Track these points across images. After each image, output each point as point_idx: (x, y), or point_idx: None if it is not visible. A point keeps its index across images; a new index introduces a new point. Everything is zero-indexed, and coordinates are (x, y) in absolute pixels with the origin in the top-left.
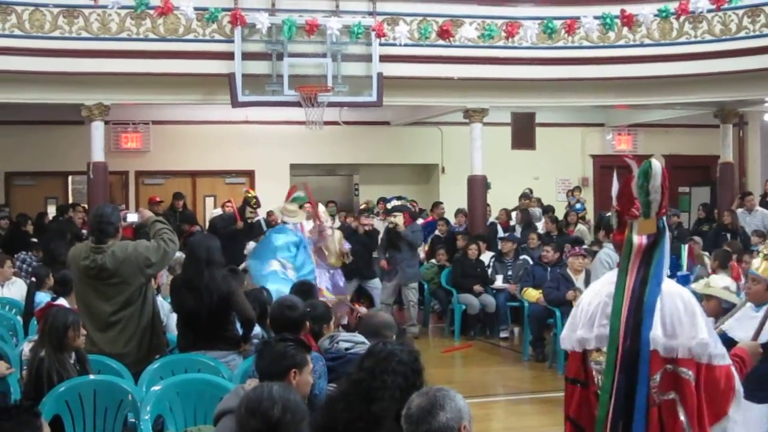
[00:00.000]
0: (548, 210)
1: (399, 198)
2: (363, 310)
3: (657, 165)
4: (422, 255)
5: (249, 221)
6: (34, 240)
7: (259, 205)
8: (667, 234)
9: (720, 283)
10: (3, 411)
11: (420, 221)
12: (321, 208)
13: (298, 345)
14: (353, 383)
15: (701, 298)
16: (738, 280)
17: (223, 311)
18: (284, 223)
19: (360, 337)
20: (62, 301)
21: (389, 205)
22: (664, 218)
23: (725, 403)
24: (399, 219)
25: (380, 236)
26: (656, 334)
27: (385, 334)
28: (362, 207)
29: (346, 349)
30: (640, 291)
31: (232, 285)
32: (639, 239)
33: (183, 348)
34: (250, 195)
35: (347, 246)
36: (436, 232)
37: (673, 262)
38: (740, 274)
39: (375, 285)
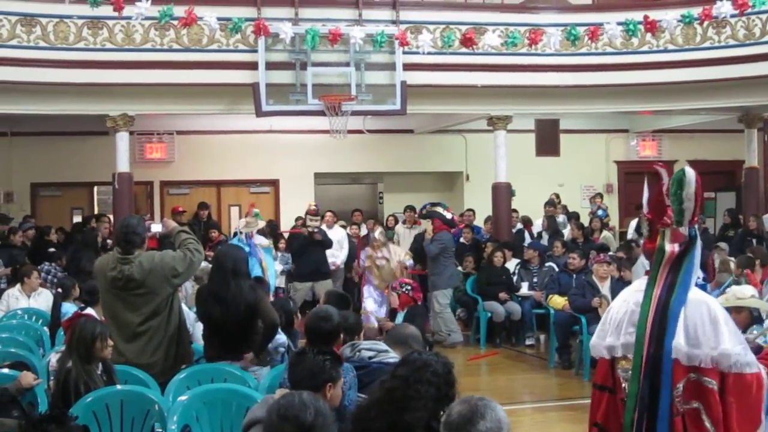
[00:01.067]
0: (573, 217)
1: (435, 204)
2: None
3: (691, 172)
4: None
5: (311, 232)
6: (52, 250)
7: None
8: (699, 242)
9: (747, 292)
10: (53, 417)
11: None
12: (378, 232)
13: (332, 359)
14: (387, 392)
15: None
16: (758, 287)
17: (249, 322)
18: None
19: (382, 345)
20: (90, 311)
21: (425, 211)
22: (696, 226)
23: (759, 410)
24: (428, 225)
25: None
26: (679, 342)
27: (411, 345)
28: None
29: (370, 358)
30: (666, 298)
31: (259, 294)
32: (671, 247)
33: (209, 358)
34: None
35: (409, 262)
36: (461, 240)
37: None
38: (758, 281)
39: None
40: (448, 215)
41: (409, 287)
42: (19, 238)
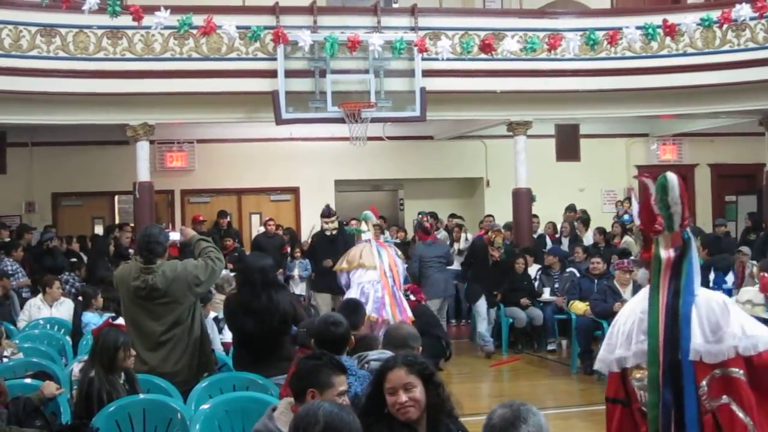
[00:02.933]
0: (582, 221)
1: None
2: None
3: (672, 177)
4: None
5: (328, 234)
6: (74, 260)
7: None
8: (694, 244)
9: (743, 296)
10: (74, 429)
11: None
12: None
13: (330, 365)
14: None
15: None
16: (766, 293)
17: (282, 332)
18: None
19: (388, 354)
20: (121, 321)
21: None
22: (688, 229)
23: None
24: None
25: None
26: (696, 343)
27: (411, 345)
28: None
29: None
30: (674, 304)
31: (297, 307)
32: (667, 254)
33: (240, 369)
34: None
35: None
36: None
37: (720, 277)
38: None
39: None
40: (425, 223)
41: (408, 292)
42: (63, 245)
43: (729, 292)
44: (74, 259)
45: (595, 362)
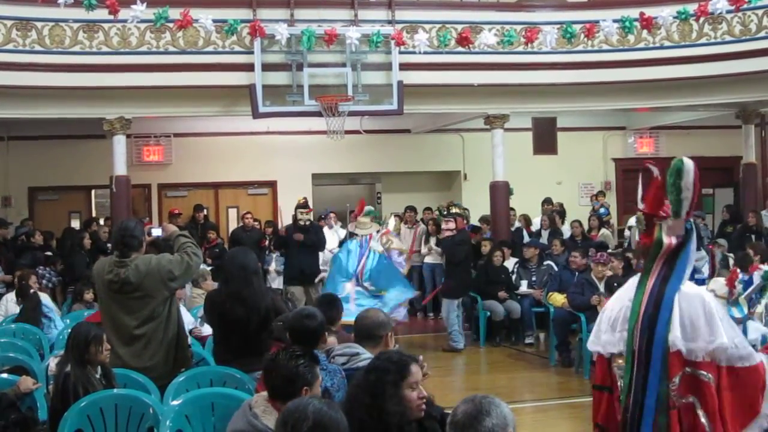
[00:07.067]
0: (547, 214)
1: None
2: None
3: (689, 162)
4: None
5: (303, 225)
6: (49, 254)
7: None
8: (695, 235)
9: (711, 285)
10: (18, 422)
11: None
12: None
13: (307, 359)
14: (356, 387)
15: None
16: (732, 287)
17: (266, 324)
18: (354, 235)
19: (353, 348)
20: None
21: None
22: (692, 220)
23: (756, 402)
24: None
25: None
26: (676, 335)
27: (379, 334)
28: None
29: (342, 364)
30: (660, 289)
31: (276, 300)
32: (668, 240)
33: (222, 363)
34: (301, 199)
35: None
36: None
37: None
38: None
39: None
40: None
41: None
42: (39, 238)
43: (703, 282)
44: (49, 253)
45: (587, 342)
